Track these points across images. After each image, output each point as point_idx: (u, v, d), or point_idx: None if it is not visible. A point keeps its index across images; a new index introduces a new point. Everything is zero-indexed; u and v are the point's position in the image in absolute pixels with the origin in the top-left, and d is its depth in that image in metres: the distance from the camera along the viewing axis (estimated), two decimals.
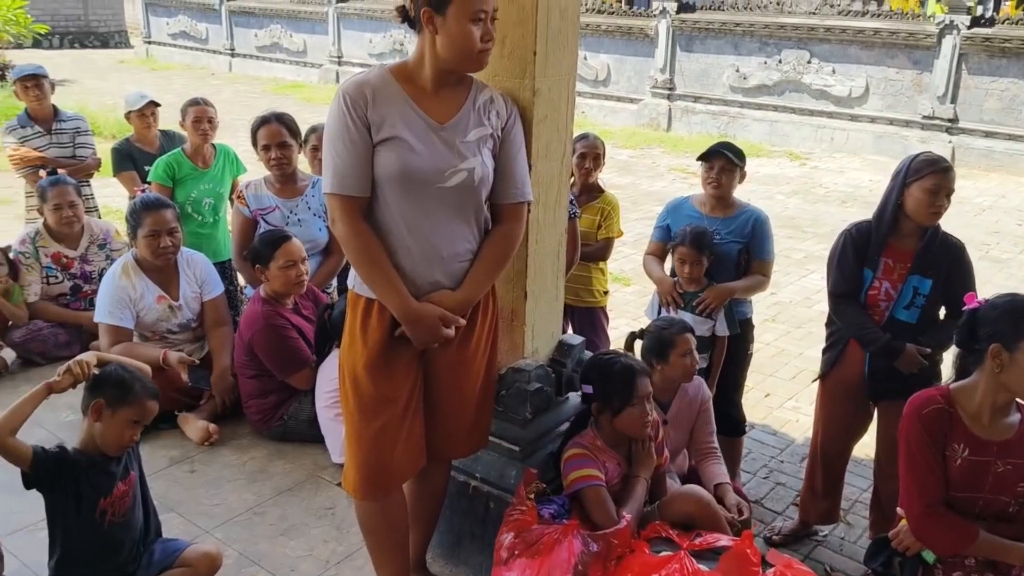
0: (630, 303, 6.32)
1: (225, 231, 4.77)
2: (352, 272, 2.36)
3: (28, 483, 2.40)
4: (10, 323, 4.24)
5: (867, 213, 3.34)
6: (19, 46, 21.24)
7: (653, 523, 2.51)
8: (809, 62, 12.37)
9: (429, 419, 2.45)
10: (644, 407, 2.56)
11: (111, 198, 7.15)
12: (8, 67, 15.74)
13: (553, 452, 2.74)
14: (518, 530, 2.40)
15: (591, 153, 4.33)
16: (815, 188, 10.32)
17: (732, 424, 3.62)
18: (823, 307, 6.40)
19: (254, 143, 4.02)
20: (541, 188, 2.56)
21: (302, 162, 4.60)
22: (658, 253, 3.78)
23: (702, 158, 3.59)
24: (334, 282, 4.30)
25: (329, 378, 3.40)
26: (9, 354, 4.13)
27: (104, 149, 5.40)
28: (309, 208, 4.06)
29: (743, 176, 3.57)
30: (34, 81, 5.12)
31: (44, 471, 2.39)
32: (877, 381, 3.14)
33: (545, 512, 2.46)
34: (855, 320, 3.13)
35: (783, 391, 4.99)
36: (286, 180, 4.04)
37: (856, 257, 3.12)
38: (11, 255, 4.33)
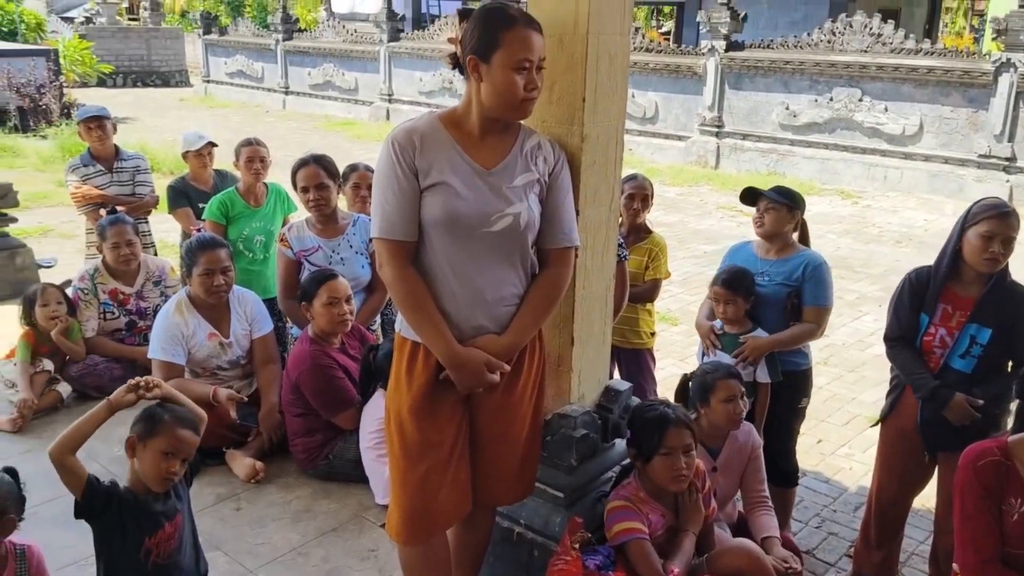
0: (677, 343, 6.24)
1: (274, 270, 4.85)
2: (399, 315, 2.38)
3: (78, 512, 2.45)
4: (68, 358, 4.35)
5: (922, 253, 3.28)
6: (84, 85, 22.16)
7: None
8: (861, 100, 12.22)
9: (474, 464, 2.43)
10: (677, 459, 2.51)
11: (167, 233, 7.33)
12: (74, 105, 16.38)
13: (600, 498, 2.70)
14: None
15: (639, 194, 4.32)
16: (868, 227, 10.13)
17: (783, 475, 3.52)
18: (877, 350, 6.32)
19: (294, 185, 4.10)
20: (589, 233, 2.55)
21: (342, 201, 4.68)
22: None
23: (742, 199, 3.56)
24: (377, 319, 4.33)
25: (373, 418, 3.41)
26: (65, 388, 4.23)
27: (162, 185, 5.56)
28: (351, 246, 4.11)
29: (798, 219, 3.49)
30: (97, 122, 5.30)
31: (94, 501, 2.43)
32: (931, 430, 3.04)
33: (590, 563, 2.42)
34: (906, 364, 3.07)
35: (836, 437, 4.86)
36: (327, 220, 4.08)
37: (913, 301, 3.06)
38: (71, 291, 4.46)
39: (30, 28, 22.65)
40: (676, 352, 6.01)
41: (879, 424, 3.30)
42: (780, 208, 3.41)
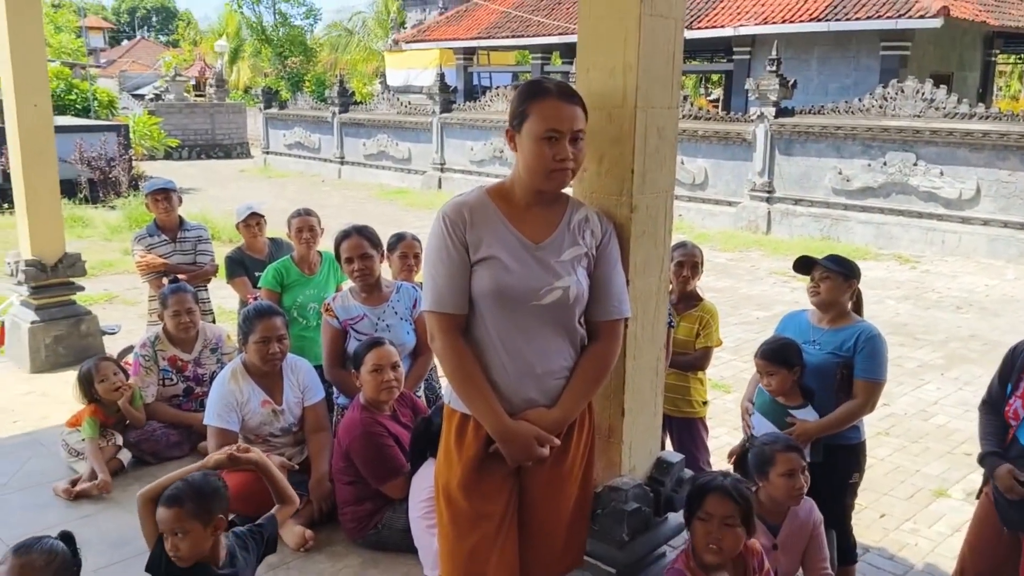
0: (730, 411, 6.12)
1: None
2: (447, 387, 2.39)
3: (149, 566, 2.53)
4: (127, 423, 4.44)
5: (983, 319, 3.27)
6: (152, 157, 23.18)
7: None
8: (916, 164, 12.10)
9: (523, 536, 2.40)
10: (712, 526, 2.44)
11: (225, 300, 7.52)
12: (142, 177, 17.11)
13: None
14: None
15: (689, 261, 4.31)
16: (927, 293, 9.90)
17: (840, 553, 3.39)
18: (940, 420, 6.12)
19: (337, 256, 4.19)
20: (639, 304, 2.55)
21: (388, 270, 4.76)
22: None
23: (796, 268, 3.53)
24: (422, 385, 4.35)
25: (422, 487, 3.39)
26: (126, 455, 4.31)
27: (221, 253, 5.74)
28: (396, 313, 4.16)
29: (854, 288, 3.44)
30: (164, 195, 5.52)
31: (160, 560, 2.50)
32: (1005, 505, 2.92)
33: None
34: (979, 430, 3.08)
35: (900, 511, 4.68)
36: (371, 289, 4.14)
37: (1003, 370, 3.06)
38: (131, 357, 4.57)
39: (103, 105, 23.85)
40: (729, 421, 5.89)
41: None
42: (836, 277, 3.36)
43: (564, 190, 2.34)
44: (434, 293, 2.28)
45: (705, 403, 4.50)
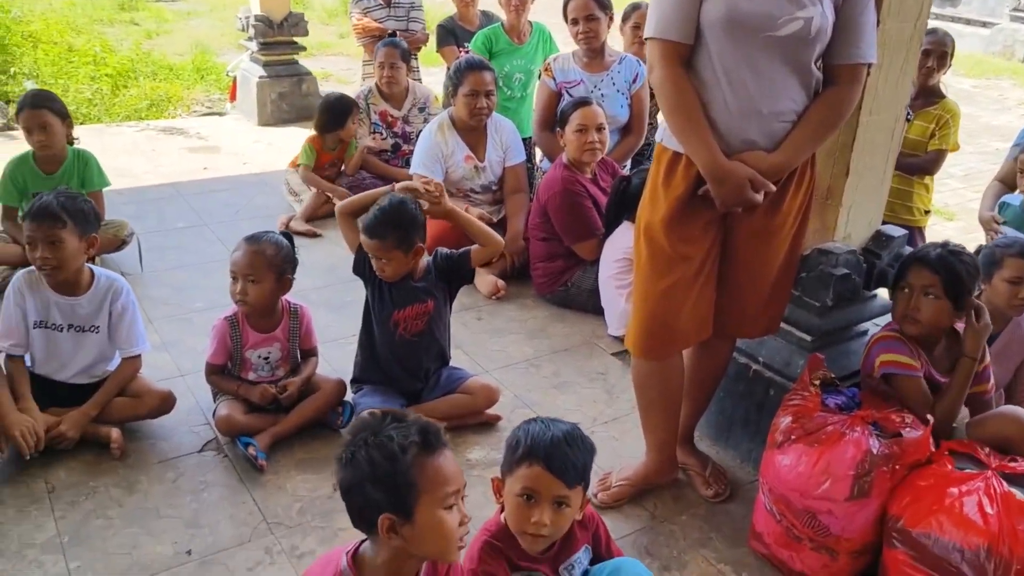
0: (950, 239, 5.61)
1: (529, 109, 4.90)
2: (661, 124, 2.28)
3: (355, 268, 2.76)
4: (341, 170, 4.72)
5: None
6: None
7: (960, 439, 2.22)
8: None
9: (721, 291, 2.33)
10: (913, 297, 2.25)
11: (431, 75, 7.64)
12: None
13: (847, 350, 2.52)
14: (797, 415, 2.24)
15: (937, 50, 3.85)
16: None
17: None
18: None
19: (564, 16, 4.07)
20: (887, 51, 2.26)
21: (619, 42, 4.56)
22: (1007, 180, 3.28)
23: None
24: (628, 163, 4.27)
25: (617, 247, 3.39)
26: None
27: (433, 22, 5.75)
28: (613, 84, 4.07)
29: None
30: None
31: (363, 264, 2.71)
32: None
33: (831, 402, 2.26)
34: None
35: None
36: (593, 55, 4.07)
37: None
38: None
39: None
40: None
41: None
42: None
43: None
44: (659, 18, 2.12)
45: (927, 212, 4.13)
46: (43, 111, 3.50)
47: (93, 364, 2.68)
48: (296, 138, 5.81)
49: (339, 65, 10.39)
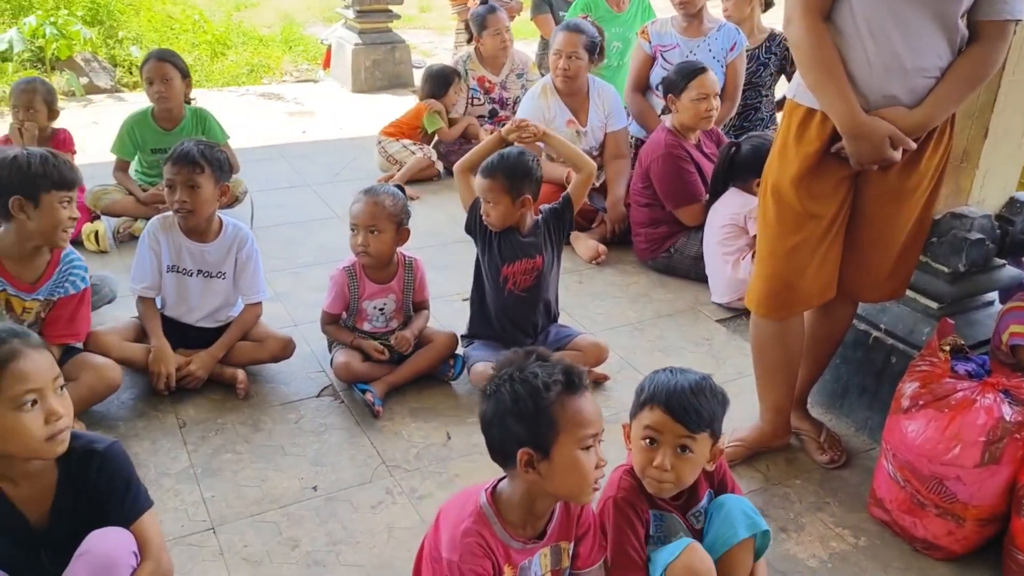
0: None
1: (624, 77, 4.86)
2: (793, 79, 2.24)
3: (466, 227, 2.81)
4: (437, 137, 4.77)
5: None
6: None
7: None
8: None
9: (848, 251, 2.29)
10: None
11: None
12: None
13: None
14: (925, 381, 2.19)
15: None
16: None
17: None
18: None
19: None
20: None
21: (717, 9, 4.49)
22: None
23: None
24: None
25: (724, 214, 3.36)
26: (439, 165, 4.66)
27: None
28: (710, 51, 4.08)
29: None
30: None
31: (475, 223, 2.76)
32: None
33: (961, 368, 2.21)
34: None
35: None
36: (692, 19, 4.09)
37: None
38: None
39: None
40: None
41: None
42: None
43: None
44: None
45: None
46: (166, 64, 3.65)
47: (218, 309, 2.79)
48: (388, 105, 5.89)
49: (421, 38, 10.45)
